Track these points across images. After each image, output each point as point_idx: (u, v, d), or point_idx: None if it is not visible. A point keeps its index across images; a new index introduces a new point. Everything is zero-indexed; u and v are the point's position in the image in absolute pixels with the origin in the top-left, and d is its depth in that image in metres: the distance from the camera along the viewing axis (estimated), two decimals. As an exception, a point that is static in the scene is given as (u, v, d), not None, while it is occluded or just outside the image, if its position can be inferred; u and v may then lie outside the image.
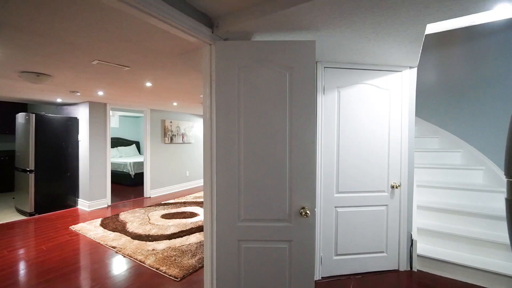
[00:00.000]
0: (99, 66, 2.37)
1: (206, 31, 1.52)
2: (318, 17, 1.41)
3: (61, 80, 2.95)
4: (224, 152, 1.56)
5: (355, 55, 2.05)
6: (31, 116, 4.13)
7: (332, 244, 2.30)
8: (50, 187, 4.33)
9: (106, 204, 4.74)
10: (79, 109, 4.72)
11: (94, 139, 4.60)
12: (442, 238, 2.47)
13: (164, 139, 5.78)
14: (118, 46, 1.89)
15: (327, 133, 2.26)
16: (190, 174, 6.52)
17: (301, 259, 1.56)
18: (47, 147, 4.30)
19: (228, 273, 1.58)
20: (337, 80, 2.27)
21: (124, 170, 6.46)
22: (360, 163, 2.30)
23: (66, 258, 2.70)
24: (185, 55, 2.06)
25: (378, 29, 1.57)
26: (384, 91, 2.33)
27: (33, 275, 2.38)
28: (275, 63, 1.53)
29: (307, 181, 1.54)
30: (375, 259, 2.36)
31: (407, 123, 2.36)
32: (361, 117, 2.30)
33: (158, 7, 1.23)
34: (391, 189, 2.36)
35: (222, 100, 1.55)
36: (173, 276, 2.35)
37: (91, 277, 2.36)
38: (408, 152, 2.38)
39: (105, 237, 3.23)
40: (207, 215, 1.65)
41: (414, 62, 2.22)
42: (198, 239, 3.17)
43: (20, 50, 1.98)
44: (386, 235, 2.37)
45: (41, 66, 2.40)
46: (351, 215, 2.31)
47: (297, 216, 1.55)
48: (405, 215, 2.38)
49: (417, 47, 1.86)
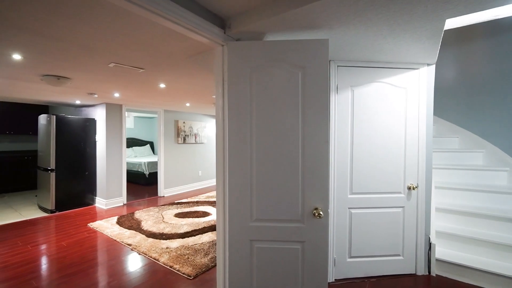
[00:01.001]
0: (115, 68, 2.45)
1: (218, 32, 1.53)
2: (331, 15, 1.39)
3: (80, 82, 3.07)
4: (237, 152, 1.57)
5: (369, 53, 2.00)
6: (52, 118, 4.32)
7: (345, 246, 2.26)
8: (69, 186, 4.51)
9: (122, 202, 4.88)
10: (96, 111, 4.89)
11: (111, 139, 4.75)
12: (462, 242, 2.37)
13: (177, 139, 5.88)
14: (133, 48, 1.94)
15: (340, 132, 2.22)
16: (203, 174, 6.60)
17: (314, 261, 1.54)
18: (66, 147, 4.48)
19: (240, 273, 1.59)
20: (351, 79, 2.22)
21: (138, 170, 6.63)
22: (375, 164, 2.25)
23: (85, 254, 2.80)
24: (197, 56, 2.09)
25: (393, 26, 1.52)
26: (401, 90, 2.26)
27: (55, 269, 2.49)
28: (288, 62, 1.51)
29: (320, 181, 1.52)
30: (391, 262, 2.30)
31: (424, 122, 2.28)
32: (376, 116, 2.24)
33: (172, 10, 1.25)
34: (408, 191, 2.28)
35: (234, 101, 1.56)
36: (186, 274, 2.39)
37: (108, 273, 2.44)
38: (426, 152, 2.29)
39: (121, 235, 3.33)
40: (220, 214, 1.66)
41: (432, 59, 2.14)
42: (210, 238, 3.20)
43: (42, 55, 2.08)
44: (403, 238, 2.30)
45: (61, 69, 2.50)
46: (365, 216, 2.26)
47: (310, 216, 1.53)
48: (423, 217, 2.30)
49: (435, 43, 1.80)
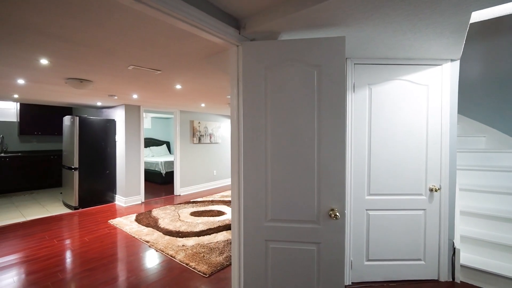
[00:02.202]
0: (134, 70, 2.53)
1: (233, 33, 1.54)
2: (347, 11, 1.35)
3: (101, 85, 3.20)
4: (251, 152, 1.57)
5: (388, 50, 1.94)
6: (75, 119, 4.53)
7: (363, 248, 2.20)
8: (91, 184, 4.72)
9: (140, 200, 5.04)
10: (116, 112, 5.07)
11: (130, 139, 4.91)
12: (489, 247, 2.23)
13: (193, 139, 5.98)
14: (150, 51, 1.99)
15: (357, 132, 2.17)
16: (217, 173, 6.67)
17: (330, 263, 1.51)
18: (89, 147, 4.69)
19: (255, 273, 1.59)
20: (368, 77, 2.16)
21: (156, 169, 6.82)
22: (394, 165, 2.17)
23: (106, 250, 2.92)
24: (212, 57, 2.11)
25: (414, 20, 1.46)
26: (422, 87, 2.16)
27: (78, 263, 2.61)
28: (303, 61, 1.49)
29: (336, 181, 1.49)
30: (411, 266, 2.21)
31: (448, 121, 2.17)
32: (395, 115, 2.16)
33: (189, 12, 1.27)
34: (430, 192, 2.18)
35: (249, 101, 1.56)
36: (202, 272, 2.42)
37: (127, 268, 2.52)
38: (449, 152, 2.18)
39: (139, 232, 3.43)
40: (235, 214, 1.67)
41: (456, 54, 2.03)
42: (225, 237, 3.23)
43: (66, 59, 2.18)
44: (424, 241, 2.20)
45: (84, 72, 2.62)
46: (384, 218, 2.19)
47: (325, 217, 1.50)
48: (446, 221, 2.19)
49: (460, 38, 1.70)
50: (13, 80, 2.95)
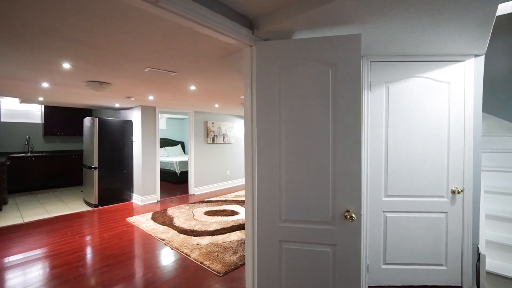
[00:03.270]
0: (150, 72, 2.59)
1: (246, 33, 1.54)
2: (364, 8, 1.32)
3: (119, 87, 3.30)
4: (265, 152, 1.56)
5: (406, 46, 1.87)
6: (95, 120, 4.71)
7: (380, 251, 2.14)
8: (110, 183, 4.89)
9: (155, 199, 5.17)
10: (133, 113, 5.23)
11: (146, 139, 5.05)
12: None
13: (207, 139, 6.06)
14: (165, 53, 2.03)
15: (374, 131, 2.11)
16: (231, 173, 6.72)
17: (346, 265, 1.48)
18: (108, 147, 4.86)
19: (269, 273, 1.58)
20: (385, 75, 2.09)
21: (171, 169, 6.96)
22: (413, 165, 2.09)
23: (124, 247, 3.01)
24: (226, 58, 2.13)
25: (435, 15, 1.40)
26: (443, 84, 2.07)
27: (98, 259, 2.71)
28: (317, 60, 1.47)
29: (352, 182, 1.45)
30: (431, 271, 2.12)
31: (471, 120, 2.07)
32: (414, 114, 2.08)
33: (203, 14, 1.29)
34: (452, 195, 2.09)
35: (263, 101, 1.55)
36: (216, 271, 2.45)
37: (144, 265, 2.59)
38: (473, 152, 2.08)
39: (155, 230, 3.52)
40: (249, 214, 1.67)
41: (481, 49, 1.93)
42: (238, 237, 3.24)
43: (86, 63, 2.27)
44: (446, 246, 2.10)
45: (103, 75, 2.72)
46: (402, 221, 2.11)
47: (341, 219, 1.47)
48: (470, 224, 2.08)
49: (485, 31, 1.61)
50: (38, 83, 3.12)
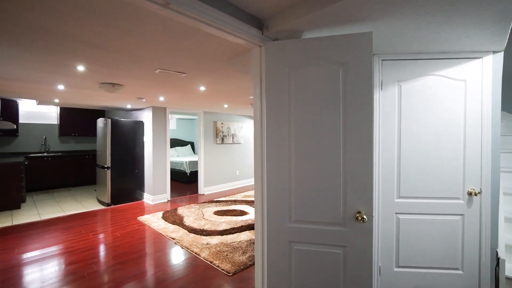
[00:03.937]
0: (161, 74, 2.63)
1: (256, 33, 1.54)
2: (375, 5, 1.29)
3: (131, 88, 3.37)
4: (275, 152, 1.55)
5: (419, 44, 1.82)
6: (107, 121, 4.83)
7: (392, 254, 2.09)
8: (122, 182, 5.00)
9: (166, 199, 5.24)
10: (144, 114, 5.33)
11: (156, 140, 5.13)
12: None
13: (216, 139, 6.10)
14: (175, 55, 2.06)
15: (386, 131, 2.06)
16: (240, 173, 6.74)
17: (357, 267, 1.45)
18: (120, 147, 4.97)
19: (279, 274, 1.57)
20: (398, 73, 2.04)
21: (181, 169, 7.05)
22: (427, 166, 2.03)
23: (135, 245, 3.07)
24: (235, 58, 2.13)
25: (450, 11, 1.35)
26: (458, 82, 2.00)
27: (110, 257, 2.78)
28: (327, 59, 1.45)
29: (363, 183, 1.42)
30: (447, 276, 2.05)
31: (489, 119, 1.99)
32: (428, 113, 2.02)
33: (212, 15, 1.29)
34: (468, 196, 2.01)
35: (273, 101, 1.55)
36: (225, 271, 2.46)
37: (155, 263, 2.63)
38: (491, 153, 2.00)
39: (166, 229, 3.57)
40: (258, 214, 1.67)
41: (499, 45, 1.85)
42: (248, 237, 3.25)
43: (99, 65, 2.33)
44: (462, 249, 2.03)
45: (115, 77, 2.78)
46: (415, 223, 2.06)
47: (352, 220, 1.45)
48: (488, 228, 2.00)
49: (504, 27, 1.55)
50: (54, 86, 3.22)
